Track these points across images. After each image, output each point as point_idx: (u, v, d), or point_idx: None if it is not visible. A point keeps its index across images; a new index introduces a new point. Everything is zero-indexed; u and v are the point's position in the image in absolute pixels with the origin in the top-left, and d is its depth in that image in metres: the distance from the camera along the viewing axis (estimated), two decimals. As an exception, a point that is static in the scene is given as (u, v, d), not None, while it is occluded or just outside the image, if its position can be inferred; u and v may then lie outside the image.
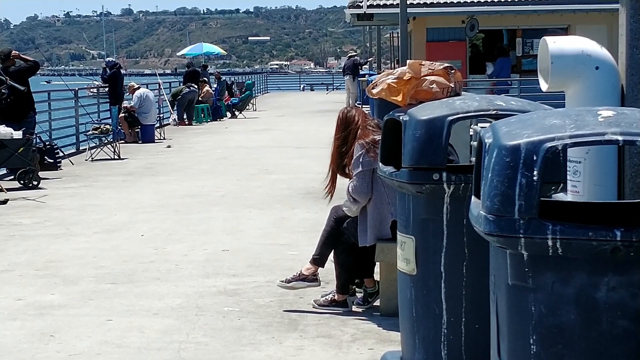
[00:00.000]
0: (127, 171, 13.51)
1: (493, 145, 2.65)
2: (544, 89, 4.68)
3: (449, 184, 3.84)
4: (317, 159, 12.83)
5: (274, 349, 4.93)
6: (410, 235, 4.00)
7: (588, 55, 4.46)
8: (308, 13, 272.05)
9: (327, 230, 5.68)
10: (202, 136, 19.72)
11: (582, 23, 22.51)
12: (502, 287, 2.66)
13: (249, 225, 8.63)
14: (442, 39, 23.81)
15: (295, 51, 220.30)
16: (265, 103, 34.19)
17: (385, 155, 4.20)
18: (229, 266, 6.92)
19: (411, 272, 4.01)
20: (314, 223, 7.97)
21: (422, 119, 3.87)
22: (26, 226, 8.85)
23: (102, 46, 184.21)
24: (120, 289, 6.26)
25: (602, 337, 2.51)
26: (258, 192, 10.78)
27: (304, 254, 6.56)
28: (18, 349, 4.99)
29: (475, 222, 2.71)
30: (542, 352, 2.57)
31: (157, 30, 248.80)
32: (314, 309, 5.66)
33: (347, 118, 5.62)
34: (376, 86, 4.44)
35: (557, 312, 2.53)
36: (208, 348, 4.96)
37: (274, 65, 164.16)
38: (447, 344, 3.94)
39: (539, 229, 2.51)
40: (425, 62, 4.47)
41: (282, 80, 66.14)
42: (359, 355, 4.82)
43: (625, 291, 2.49)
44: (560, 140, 2.55)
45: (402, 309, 4.13)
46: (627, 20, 4.35)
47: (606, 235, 2.46)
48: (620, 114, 2.63)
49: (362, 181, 5.40)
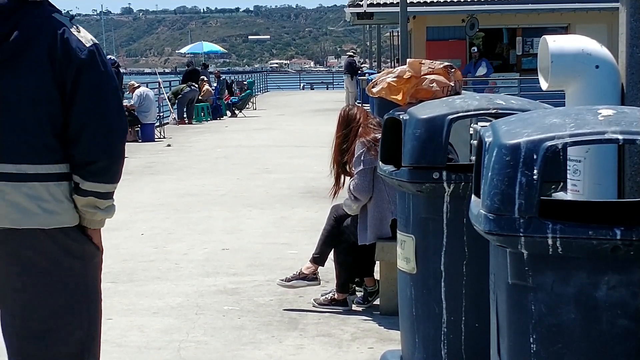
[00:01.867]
0: (127, 170, 13.43)
1: (493, 144, 2.65)
2: (544, 88, 4.68)
3: (449, 183, 3.84)
4: (317, 158, 12.84)
5: (274, 347, 4.93)
6: (410, 234, 4.00)
7: (588, 54, 4.46)
8: (308, 12, 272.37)
9: (327, 229, 5.68)
10: (202, 135, 19.71)
11: (582, 22, 22.51)
12: (502, 286, 2.66)
13: (249, 224, 8.63)
14: (442, 37, 23.81)
15: (295, 50, 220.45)
16: (265, 102, 34.20)
17: (385, 154, 4.20)
18: (229, 265, 6.92)
19: (411, 271, 4.01)
20: (314, 222, 7.97)
21: (422, 117, 3.87)
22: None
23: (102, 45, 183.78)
24: (120, 288, 6.26)
25: (602, 337, 2.51)
26: (258, 191, 10.78)
27: (304, 253, 6.56)
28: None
29: (475, 221, 2.71)
30: (542, 351, 2.57)
31: (157, 29, 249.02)
32: (314, 307, 5.66)
33: (348, 116, 5.63)
34: (376, 85, 4.44)
35: (557, 311, 2.53)
36: (208, 347, 4.96)
37: (274, 64, 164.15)
38: (447, 343, 3.94)
39: (539, 228, 2.50)
40: (425, 60, 4.47)
41: (282, 79, 66.14)
42: (359, 354, 4.82)
43: (626, 290, 2.49)
44: (560, 139, 2.55)
45: (402, 308, 4.12)
46: (627, 19, 4.35)
47: (606, 234, 2.46)
48: (620, 112, 2.63)
49: (363, 179, 5.40)
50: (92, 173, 2.91)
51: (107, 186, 2.98)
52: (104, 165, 2.93)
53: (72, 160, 2.91)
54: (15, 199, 2.86)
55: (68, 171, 2.93)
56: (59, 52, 2.85)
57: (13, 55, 2.84)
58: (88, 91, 2.88)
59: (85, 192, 2.93)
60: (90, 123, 2.88)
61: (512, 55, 24.31)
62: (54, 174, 2.90)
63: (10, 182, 2.86)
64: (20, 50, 2.84)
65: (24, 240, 2.89)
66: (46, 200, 2.89)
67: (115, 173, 2.98)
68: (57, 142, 2.90)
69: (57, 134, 2.89)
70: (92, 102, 2.89)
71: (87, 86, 2.87)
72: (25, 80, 2.85)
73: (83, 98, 2.88)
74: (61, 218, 2.93)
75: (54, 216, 2.91)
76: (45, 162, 2.88)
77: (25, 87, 2.85)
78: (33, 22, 2.86)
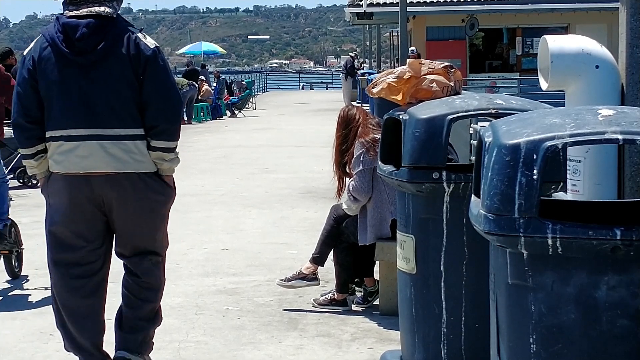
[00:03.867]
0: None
1: (493, 144, 2.65)
2: (544, 88, 4.68)
3: (449, 183, 3.84)
4: (317, 158, 12.84)
5: (273, 348, 4.93)
6: (410, 234, 4.00)
7: (588, 54, 4.46)
8: (308, 12, 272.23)
9: (327, 229, 5.68)
10: (202, 135, 19.71)
11: (582, 22, 22.54)
12: (502, 287, 2.66)
13: (249, 224, 8.63)
14: (442, 37, 23.83)
15: (295, 50, 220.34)
16: (264, 102, 34.20)
17: (385, 154, 4.20)
18: (229, 265, 6.92)
19: (411, 271, 4.01)
20: (314, 222, 7.97)
21: (422, 117, 3.87)
22: (25, 225, 8.84)
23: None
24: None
25: (602, 337, 2.51)
26: (258, 191, 10.78)
27: (303, 253, 6.56)
28: (18, 348, 5.00)
29: (475, 221, 2.71)
30: (542, 351, 2.57)
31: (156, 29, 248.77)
32: (313, 308, 5.66)
33: (347, 116, 5.63)
34: (376, 85, 4.44)
35: (557, 312, 2.53)
36: (208, 347, 4.96)
37: (274, 64, 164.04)
38: (446, 343, 3.94)
39: (538, 228, 2.50)
40: (425, 60, 4.47)
41: (282, 79, 66.13)
42: (359, 354, 4.82)
43: (626, 290, 2.49)
44: (560, 139, 2.55)
45: (402, 308, 4.12)
46: (627, 19, 4.35)
47: (606, 234, 2.46)
48: (620, 112, 2.63)
49: (362, 180, 5.40)
50: (157, 134, 4.14)
51: (169, 143, 4.17)
52: (164, 128, 4.14)
53: (145, 125, 4.13)
54: (114, 152, 4.11)
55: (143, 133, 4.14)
56: (133, 52, 4.12)
57: (104, 57, 4.11)
58: (151, 78, 4.13)
59: (154, 148, 4.15)
60: (153, 99, 4.12)
61: (512, 55, 24.34)
62: (138, 135, 4.13)
63: (110, 141, 4.11)
64: (108, 53, 4.11)
65: (123, 180, 4.13)
66: (135, 152, 4.13)
67: (173, 133, 4.18)
68: (138, 113, 4.13)
69: (138, 108, 4.13)
70: (154, 85, 4.13)
71: (151, 74, 4.13)
72: (114, 73, 4.11)
73: (148, 82, 4.12)
74: (145, 165, 4.16)
75: (140, 164, 4.15)
76: (132, 127, 4.12)
77: (114, 78, 4.11)
78: (115, 33, 4.14)
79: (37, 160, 4.25)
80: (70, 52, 4.12)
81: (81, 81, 4.13)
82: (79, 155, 4.12)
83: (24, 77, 4.22)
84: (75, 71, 4.13)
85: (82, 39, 4.11)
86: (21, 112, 4.24)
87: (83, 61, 4.13)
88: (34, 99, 4.20)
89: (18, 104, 4.26)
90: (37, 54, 4.20)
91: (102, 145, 4.11)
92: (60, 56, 4.13)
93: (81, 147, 4.12)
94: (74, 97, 4.14)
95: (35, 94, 4.19)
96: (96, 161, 4.11)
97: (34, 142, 4.23)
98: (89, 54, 4.12)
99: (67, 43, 4.13)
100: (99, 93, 4.12)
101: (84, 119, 4.12)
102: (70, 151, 4.14)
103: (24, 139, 4.28)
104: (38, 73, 4.18)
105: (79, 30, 4.12)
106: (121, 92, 4.12)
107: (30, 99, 4.20)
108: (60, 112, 4.15)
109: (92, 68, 4.13)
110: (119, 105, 4.11)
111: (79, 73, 4.13)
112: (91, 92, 4.13)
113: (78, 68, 4.13)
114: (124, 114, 4.12)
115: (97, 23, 4.14)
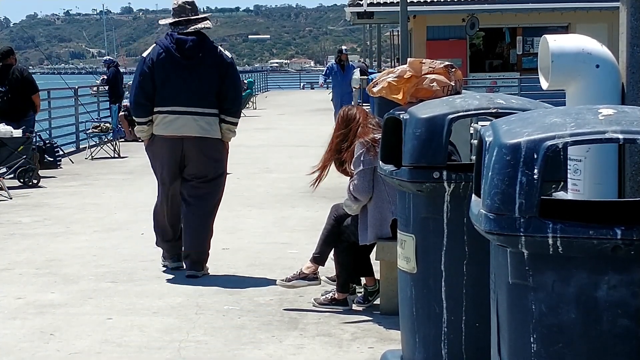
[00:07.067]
0: (127, 170, 13.51)
1: (493, 143, 2.65)
2: (544, 87, 4.68)
3: (450, 183, 3.84)
4: (317, 158, 12.76)
5: (274, 347, 4.93)
6: (410, 233, 4.00)
7: (588, 53, 4.46)
8: (308, 11, 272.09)
9: (328, 229, 5.68)
10: (202, 135, 19.67)
11: (583, 21, 22.52)
12: (502, 286, 2.66)
13: (249, 224, 8.63)
14: (442, 37, 23.81)
15: (296, 49, 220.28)
16: (265, 101, 34.19)
17: (385, 154, 4.20)
18: (229, 265, 6.92)
19: (411, 270, 4.01)
20: (314, 222, 7.97)
21: (423, 117, 3.87)
22: (26, 225, 8.85)
23: (102, 44, 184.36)
24: (121, 288, 6.26)
25: (603, 336, 2.51)
26: (258, 191, 10.78)
27: (304, 253, 6.56)
28: (18, 347, 4.99)
29: (475, 221, 2.71)
30: (542, 350, 2.56)
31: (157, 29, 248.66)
32: (314, 307, 5.66)
33: (348, 116, 5.63)
34: (377, 85, 4.43)
35: (558, 311, 2.53)
36: (208, 347, 4.96)
37: (274, 64, 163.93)
38: (447, 343, 3.94)
39: (539, 227, 2.50)
40: (425, 60, 4.47)
41: (282, 79, 66.10)
42: (359, 354, 4.82)
43: (626, 290, 2.49)
44: (561, 139, 2.55)
45: (403, 308, 4.12)
46: (627, 19, 4.35)
47: (607, 233, 2.46)
48: (621, 112, 2.63)
49: (363, 180, 5.40)
50: (229, 113, 6.58)
51: (235, 119, 6.63)
52: (234, 110, 6.61)
53: (221, 108, 6.54)
54: (201, 124, 6.48)
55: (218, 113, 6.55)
56: (218, 61, 6.55)
57: (201, 61, 6.50)
58: (229, 78, 6.57)
59: (226, 122, 6.58)
60: (229, 92, 6.56)
61: (513, 54, 24.31)
62: (214, 113, 6.54)
63: (199, 116, 6.48)
64: (202, 60, 6.52)
65: (205, 142, 6.53)
66: (212, 124, 6.52)
67: (237, 112, 6.63)
68: (216, 100, 6.52)
69: (216, 96, 6.52)
70: (230, 82, 6.58)
71: (228, 76, 6.57)
72: (205, 73, 6.50)
73: (226, 81, 6.55)
74: (217, 133, 6.57)
75: (216, 132, 6.56)
76: (212, 107, 6.52)
77: (204, 77, 6.49)
78: (208, 47, 6.59)
79: (148, 126, 6.52)
80: (180, 57, 6.48)
81: (185, 76, 6.45)
82: (179, 124, 6.46)
83: (144, 72, 6.48)
84: (181, 70, 6.46)
85: (189, 49, 6.50)
86: (141, 94, 6.51)
87: (187, 63, 6.47)
88: (151, 86, 6.47)
89: (139, 88, 6.51)
90: (155, 57, 6.50)
91: (194, 119, 6.45)
92: (172, 59, 6.47)
93: (180, 119, 6.46)
94: (178, 86, 6.44)
95: (151, 82, 6.46)
96: (189, 129, 6.46)
97: (148, 114, 6.50)
98: (192, 60, 6.48)
99: (179, 51, 6.48)
100: (195, 85, 6.45)
101: (184, 101, 6.43)
102: (172, 121, 6.47)
103: (141, 112, 6.53)
104: (155, 69, 6.45)
105: (187, 43, 6.51)
106: (208, 85, 6.47)
107: (149, 86, 6.47)
108: (168, 95, 6.45)
109: (192, 68, 6.47)
110: (206, 94, 6.47)
111: (183, 71, 6.46)
112: (190, 84, 6.45)
113: (183, 68, 6.46)
114: (209, 99, 6.48)
115: (197, 39, 6.54)
